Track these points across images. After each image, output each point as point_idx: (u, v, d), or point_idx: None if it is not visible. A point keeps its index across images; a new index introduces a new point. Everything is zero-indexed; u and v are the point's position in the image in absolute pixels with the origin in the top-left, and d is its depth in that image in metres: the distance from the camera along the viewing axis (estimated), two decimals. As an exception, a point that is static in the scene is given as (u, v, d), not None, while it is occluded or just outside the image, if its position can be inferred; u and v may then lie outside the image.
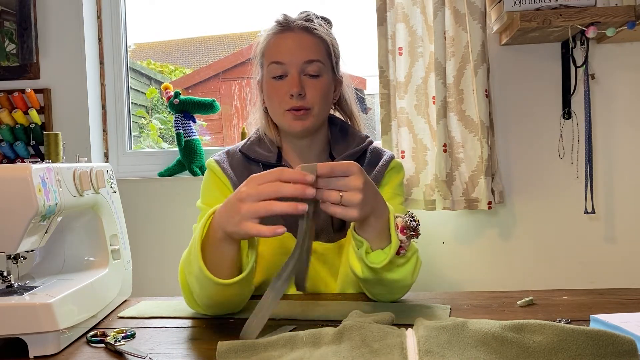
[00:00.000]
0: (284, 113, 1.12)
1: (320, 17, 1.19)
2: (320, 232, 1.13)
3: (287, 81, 1.11)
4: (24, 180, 0.82)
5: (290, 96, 1.10)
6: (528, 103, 1.85)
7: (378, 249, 0.93)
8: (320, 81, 1.12)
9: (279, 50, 1.12)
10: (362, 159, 1.19)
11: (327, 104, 1.16)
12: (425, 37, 1.79)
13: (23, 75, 1.97)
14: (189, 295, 0.97)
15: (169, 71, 2.54)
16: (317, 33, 1.14)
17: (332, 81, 1.17)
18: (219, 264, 0.87)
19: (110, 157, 2.06)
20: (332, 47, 1.16)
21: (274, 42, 1.14)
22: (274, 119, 1.17)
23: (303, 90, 1.10)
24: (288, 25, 1.14)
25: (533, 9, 1.61)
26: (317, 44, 1.13)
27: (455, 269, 1.89)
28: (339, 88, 1.22)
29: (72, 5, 1.96)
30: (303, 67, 1.11)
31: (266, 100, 1.17)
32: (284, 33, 1.14)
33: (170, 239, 1.95)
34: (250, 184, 0.83)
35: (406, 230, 0.92)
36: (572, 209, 1.83)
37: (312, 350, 0.71)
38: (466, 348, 0.66)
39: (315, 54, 1.12)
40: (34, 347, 0.80)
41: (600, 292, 1.04)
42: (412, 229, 0.93)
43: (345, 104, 1.26)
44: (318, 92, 1.11)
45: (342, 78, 1.22)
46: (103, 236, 1.05)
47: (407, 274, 0.99)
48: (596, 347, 0.63)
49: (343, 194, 0.83)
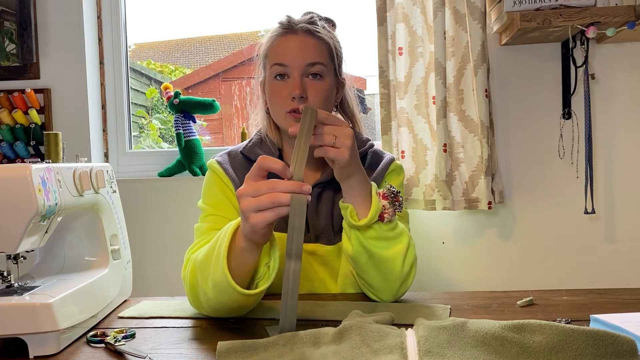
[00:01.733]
0: (285, 115, 1.12)
1: (324, 19, 1.18)
2: (321, 234, 1.14)
3: (289, 83, 1.11)
4: (24, 180, 0.82)
5: (292, 98, 1.10)
6: (528, 103, 1.85)
7: (363, 217, 1.00)
8: (322, 83, 1.12)
9: (282, 52, 1.12)
10: (362, 162, 1.19)
11: (328, 107, 1.16)
12: (425, 37, 1.79)
13: (23, 75, 1.97)
14: (195, 295, 0.96)
15: (169, 71, 2.54)
16: (320, 36, 1.13)
17: (334, 83, 1.17)
18: (239, 272, 0.87)
19: (110, 157, 2.06)
20: (335, 49, 1.16)
21: (277, 44, 1.14)
22: (275, 121, 1.18)
23: (305, 92, 1.10)
24: (291, 27, 1.14)
25: (533, 9, 1.61)
26: (319, 47, 1.13)
27: (455, 269, 1.89)
28: (341, 90, 1.22)
29: (72, 5, 1.96)
30: (305, 69, 1.11)
31: (268, 102, 1.17)
32: (287, 35, 1.14)
33: (170, 239, 1.95)
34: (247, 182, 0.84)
35: (387, 195, 1.00)
36: (572, 209, 1.83)
37: (312, 350, 0.71)
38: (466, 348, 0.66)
39: (317, 57, 1.12)
40: (34, 347, 0.80)
41: (600, 292, 1.04)
42: (393, 194, 1.01)
43: (346, 107, 1.26)
44: (320, 94, 1.11)
45: (344, 80, 1.22)
46: (103, 236, 1.05)
47: (397, 254, 1.01)
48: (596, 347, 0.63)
49: (336, 137, 0.95)
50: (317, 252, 1.13)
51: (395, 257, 1.01)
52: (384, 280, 1.03)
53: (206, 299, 0.93)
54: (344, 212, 1.01)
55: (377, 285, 1.04)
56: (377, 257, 1.00)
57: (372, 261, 1.01)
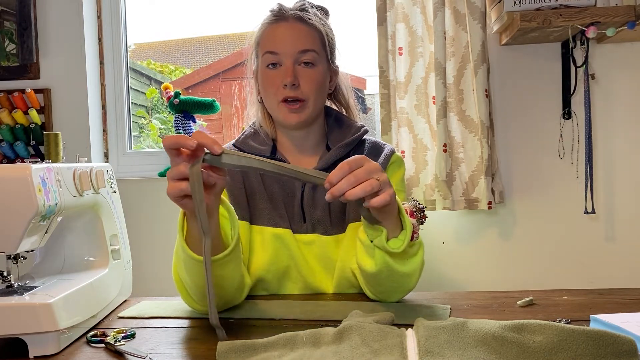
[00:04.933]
0: (278, 104, 1.11)
1: (316, 7, 1.18)
2: (317, 224, 1.12)
3: (281, 71, 1.10)
4: (24, 180, 0.82)
5: (284, 86, 1.09)
6: (528, 103, 1.85)
7: (392, 237, 0.93)
8: (315, 71, 1.12)
9: (273, 40, 1.12)
10: (359, 149, 1.18)
11: (322, 95, 1.15)
12: (425, 37, 1.79)
13: (23, 75, 1.97)
14: (182, 289, 0.98)
15: (169, 71, 2.54)
16: (311, 23, 1.13)
17: (327, 71, 1.16)
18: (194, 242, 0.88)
19: (110, 157, 2.06)
20: (327, 36, 1.15)
21: (269, 31, 1.14)
22: (269, 111, 1.17)
23: (297, 80, 1.09)
24: (282, 14, 1.14)
25: (533, 9, 1.61)
26: (311, 34, 1.13)
27: (455, 269, 1.89)
28: (335, 78, 1.22)
29: (72, 5, 1.96)
30: (297, 56, 1.10)
31: (261, 91, 1.16)
32: (279, 22, 1.14)
33: (170, 239, 1.94)
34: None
35: (415, 214, 0.95)
36: (572, 209, 1.83)
37: (312, 350, 0.71)
38: (466, 348, 0.66)
39: (309, 44, 1.11)
40: (34, 347, 0.80)
41: (600, 292, 1.04)
42: (421, 210, 0.96)
43: (341, 95, 1.25)
44: (313, 82, 1.11)
45: (337, 68, 1.21)
46: (103, 236, 1.05)
47: (416, 268, 0.99)
48: (596, 347, 0.63)
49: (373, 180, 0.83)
50: (315, 242, 1.12)
51: (413, 271, 0.99)
52: (395, 290, 1.01)
53: (187, 286, 0.95)
54: (377, 234, 0.94)
55: (388, 294, 1.02)
56: (397, 273, 0.97)
57: (391, 277, 0.98)
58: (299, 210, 1.12)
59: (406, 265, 0.97)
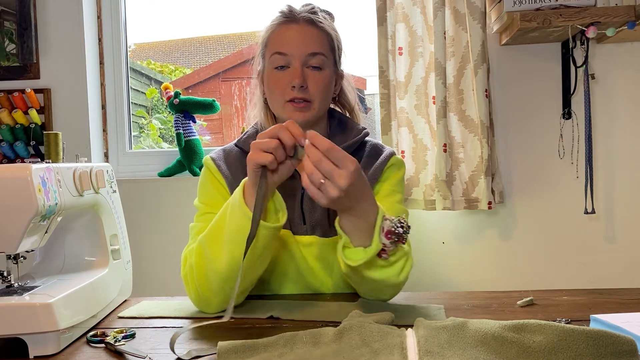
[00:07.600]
0: (284, 104, 1.11)
1: (324, 11, 1.18)
2: (316, 225, 1.12)
3: (289, 72, 1.11)
4: (24, 180, 0.82)
5: (291, 87, 1.10)
6: (528, 103, 1.85)
7: (360, 246, 0.92)
8: (322, 74, 1.12)
9: (283, 41, 1.12)
10: (360, 152, 1.18)
11: (327, 97, 1.16)
12: (425, 37, 1.79)
13: (23, 75, 1.97)
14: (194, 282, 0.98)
15: (169, 71, 2.54)
16: (321, 26, 1.13)
17: (333, 75, 1.17)
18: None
19: (110, 157, 2.06)
20: (336, 41, 1.16)
21: (278, 32, 1.14)
22: (273, 111, 1.17)
23: (305, 82, 1.10)
24: (293, 16, 1.14)
25: (533, 9, 1.61)
26: (321, 37, 1.13)
27: (455, 269, 1.89)
28: (340, 82, 1.22)
29: (72, 5, 1.96)
30: (306, 59, 1.11)
31: (267, 91, 1.16)
32: (288, 24, 1.13)
33: (170, 238, 1.95)
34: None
35: (391, 236, 0.90)
36: (572, 209, 1.83)
37: (312, 350, 0.71)
38: (466, 348, 0.67)
39: (319, 47, 1.12)
40: (34, 347, 0.80)
41: (600, 292, 1.04)
42: (397, 235, 0.90)
43: (345, 99, 1.25)
44: (320, 85, 1.11)
45: (343, 72, 1.22)
46: (103, 236, 1.05)
47: (390, 275, 0.96)
48: (596, 347, 0.63)
49: (325, 181, 0.84)
50: (314, 244, 1.12)
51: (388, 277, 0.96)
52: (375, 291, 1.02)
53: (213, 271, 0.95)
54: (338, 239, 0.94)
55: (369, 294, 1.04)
56: (368, 278, 0.96)
57: (363, 281, 0.98)
58: (299, 211, 1.13)
59: (376, 272, 0.95)
